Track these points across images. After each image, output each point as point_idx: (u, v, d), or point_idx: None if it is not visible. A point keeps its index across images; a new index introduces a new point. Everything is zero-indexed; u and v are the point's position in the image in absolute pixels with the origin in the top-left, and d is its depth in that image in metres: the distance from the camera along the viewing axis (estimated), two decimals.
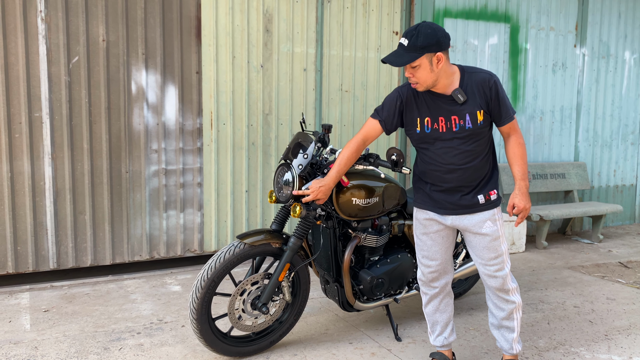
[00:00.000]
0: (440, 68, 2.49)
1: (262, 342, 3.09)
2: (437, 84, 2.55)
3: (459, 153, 2.61)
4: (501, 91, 2.59)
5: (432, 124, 2.63)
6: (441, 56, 2.47)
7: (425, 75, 2.50)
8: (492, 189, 2.68)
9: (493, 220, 2.68)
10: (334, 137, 5.13)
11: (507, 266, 2.73)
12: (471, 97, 2.56)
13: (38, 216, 4.13)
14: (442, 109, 2.60)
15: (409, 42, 2.45)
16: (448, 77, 2.56)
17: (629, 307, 3.96)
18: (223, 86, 4.63)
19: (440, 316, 2.91)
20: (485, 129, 2.62)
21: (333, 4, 4.99)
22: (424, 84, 2.53)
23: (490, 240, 2.67)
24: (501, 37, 5.84)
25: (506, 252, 2.72)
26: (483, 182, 2.68)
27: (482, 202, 2.66)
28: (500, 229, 2.69)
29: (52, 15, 4.03)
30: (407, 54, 2.46)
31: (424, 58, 2.46)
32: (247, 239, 2.92)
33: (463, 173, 2.63)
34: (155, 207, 4.49)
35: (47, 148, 4.10)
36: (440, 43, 2.46)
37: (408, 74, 2.54)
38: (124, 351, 3.10)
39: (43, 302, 3.86)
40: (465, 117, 2.57)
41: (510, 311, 2.76)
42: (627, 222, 7.01)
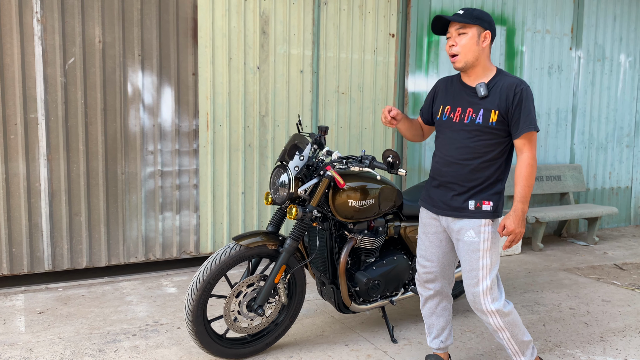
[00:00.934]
0: (484, 47, 2.53)
1: (258, 344, 3.08)
2: (474, 67, 2.57)
3: (461, 147, 2.59)
4: (526, 102, 2.49)
5: (449, 112, 2.66)
6: (489, 35, 2.53)
7: (469, 46, 2.52)
8: (487, 200, 2.57)
9: (477, 231, 2.56)
10: (330, 139, 5.13)
11: (482, 285, 2.56)
12: (492, 96, 2.53)
13: (33, 217, 4.12)
14: (463, 99, 2.62)
15: (464, 12, 2.53)
16: (484, 68, 2.58)
17: (624, 309, 3.97)
18: (219, 88, 4.63)
19: (437, 320, 2.89)
20: (497, 132, 2.53)
21: (329, 6, 5.00)
22: (463, 57, 2.54)
23: (468, 251, 2.58)
24: (498, 38, 5.86)
25: (485, 270, 2.56)
26: (479, 188, 2.58)
27: (471, 208, 2.57)
28: (482, 243, 2.56)
29: (47, 16, 4.02)
30: (462, 18, 2.51)
31: (474, 27, 2.51)
32: (243, 240, 2.92)
33: (459, 169, 2.60)
34: (151, 208, 4.48)
35: (42, 149, 4.09)
36: (491, 24, 2.54)
37: (451, 42, 2.56)
38: (119, 353, 3.09)
39: (38, 303, 3.84)
40: (479, 111, 2.55)
41: (493, 330, 2.65)
42: (623, 224, 7.03)
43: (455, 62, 2.57)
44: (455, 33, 2.55)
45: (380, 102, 5.32)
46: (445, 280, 2.82)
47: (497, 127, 2.53)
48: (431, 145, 5.59)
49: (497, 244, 2.62)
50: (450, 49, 2.56)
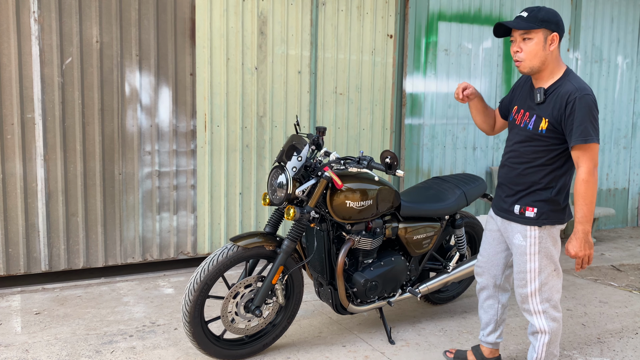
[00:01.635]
0: (551, 51, 2.41)
1: (255, 345, 3.08)
2: (541, 71, 2.47)
3: (512, 150, 2.62)
4: (579, 111, 2.34)
5: (515, 113, 2.65)
6: (556, 37, 2.40)
7: (535, 52, 2.40)
8: (531, 206, 2.53)
9: (524, 235, 2.57)
10: (328, 140, 5.13)
11: (530, 286, 2.57)
12: (548, 103, 2.45)
13: (30, 218, 4.10)
14: (526, 102, 2.58)
15: (528, 14, 2.39)
16: (552, 71, 2.47)
17: (622, 310, 3.97)
18: (217, 88, 4.62)
19: (484, 314, 2.94)
20: (547, 140, 2.46)
21: (328, 7, 5.00)
22: (529, 62, 2.44)
23: (517, 253, 2.62)
24: (495, 41, 5.87)
25: (533, 272, 2.56)
26: (524, 192, 2.56)
27: (516, 212, 2.59)
28: (529, 247, 2.55)
29: (45, 16, 4.01)
30: (525, 22, 2.38)
31: (540, 32, 2.39)
32: (240, 241, 2.91)
33: (508, 172, 2.63)
34: (149, 209, 4.47)
35: (39, 149, 4.08)
36: (558, 24, 2.41)
37: (516, 47, 2.45)
38: (116, 354, 3.08)
39: (34, 304, 3.83)
40: (532, 117, 2.51)
41: (534, 331, 2.65)
42: (620, 225, 7.04)
43: (520, 67, 2.47)
44: (519, 38, 2.44)
45: (378, 103, 5.32)
46: (491, 277, 2.84)
47: (547, 135, 2.46)
48: (429, 147, 5.60)
49: (549, 249, 2.56)
50: (515, 55, 2.46)
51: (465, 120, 5.78)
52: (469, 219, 3.90)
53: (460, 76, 5.69)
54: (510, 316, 3.81)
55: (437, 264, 3.71)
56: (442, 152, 5.69)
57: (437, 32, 5.52)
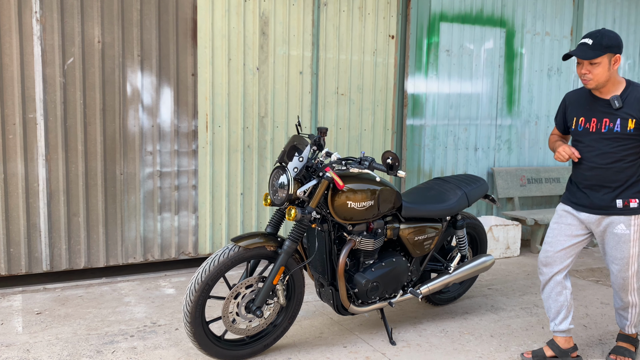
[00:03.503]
0: (615, 69, 2.78)
1: (256, 346, 3.08)
2: (606, 85, 2.82)
3: (602, 153, 2.86)
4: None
5: (585, 123, 2.92)
6: (619, 58, 2.76)
7: (602, 73, 2.75)
8: (633, 197, 2.85)
9: (627, 225, 2.87)
10: (329, 140, 5.13)
11: (632, 269, 2.92)
12: (627, 106, 2.78)
13: (31, 218, 4.11)
14: (597, 111, 2.88)
15: (593, 42, 2.72)
16: (614, 84, 2.83)
17: None
18: (219, 88, 4.62)
19: (553, 303, 3.10)
20: (635, 137, 2.79)
21: (329, 7, 5.00)
22: (597, 81, 2.78)
23: (619, 242, 2.90)
24: (497, 41, 5.86)
25: (635, 256, 2.90)
26: (623, 187, 2.85)
27: (619, 206, 2.87)
28: (633, 234, 2.87)
29: (47, 16, 4.01)
30: (592, 52, 2.72)
31: (605, 57, 2.73)
32: (241, 242, 2.91)
33: (602, 172, 2.87)
34: (150, 209, 4.48)
35: (41, 149, 4.08)
36: (620, 46, 2.75)
37: (585, 70, 2.78)
38: (117, 354, 3.08)
39: (36, 304, 3.83)
40: (616, 121, 2.81)
41: (624, 306, 3.05)
42: None
43: (588, 84, 2.82)
44: (586, 62, 2.77)
45: (380, 103, 5.32)
46: (562, 266, 3.04)
47: (635, 134, 2.80)
48: (430, 147, 5.59)
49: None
50: (583, 76, 2.79)
51: (466, 121, 5.78)
52: (470, 220, 3.90)
53: (461, 77, 5.69)
54: (511, 317, 3.80)
55: (438, 264, 3.71)
56: (443, 152, 5.69)
57: (438, 32, 5.52)
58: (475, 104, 5.82)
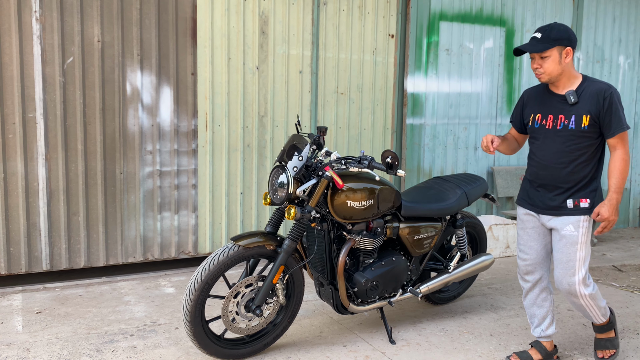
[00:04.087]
0: (567, 63, 2.72)
1: (256, 345, 3.08)
2: (559, 79, 2.76)
3: (556, 151, 2.78)
4: (615, 104, 2.69)
5: (541, 120, 2.86)
6: (570, 51, 2.71)
7: (553, 67, 2.70)
8: (584, 197, 2.78)
9: (576, 226, 2.79)
10: (329, 140, 5.13)
11: (579, 274, 2.79)
12: (582, 102, 2.72)
13: (31, 217, 4.11)
14: (553, 107, 2.81)
15: (542, 35, 2.70)
16: (570, 78, 2.77)
17: (622, 311, 3.97)
18: (218, 88, 4.62)
19: (538, 310, 3.05)
20: (590, 135, 2.73)
21: (329, 7, 5.00)
22: (549, 75, 2.73)
23: (566, 244, 2.80)
24: (496, 40, 5.86)
25: (581, 261, 2.79)
26: (576, 187, 2.77)
27: (569, 206, 2.79)
28: (581, 236, 2.78)
29: (46, 16, 4.01)
30: (541, 44, 2.69)
31: (555, 50, 2.68)
32: (241, 241, 2.91)
33: (556, 172, 2.80)
34: (150, 208, 4.48)
35: (40, 149, 4.08)
36: (570, 39, 2.70)
37: (536, 64, 2.74)
38: (117, 353, 3.08)
39: (36, 303, 3.84)
40: (571, 117, 2.74)
41: (580, 306, 2.90)
42: (621, 225, 7.03)
43: (541, 78, 2.77)
44: (537, 56, 2.73)
45: (379, 102, 5.32)
46: (543, 271, 3.00)
47: (589, 130, 2.72)
48: (430, 147, 5.59)
49: (589, 238, 2.87)
50: (536, 70, 2.76)
51: (466, 120, 5.78)
52: (470, 219, 3.90)
53: (461, 76, 5.69)
54: (511, 316, 3.81)
55: (438, 264, 3.71)
56: (443, 152, 5.69)
57: (438, 31, 5.52)
58: (475, 103, 5.82)
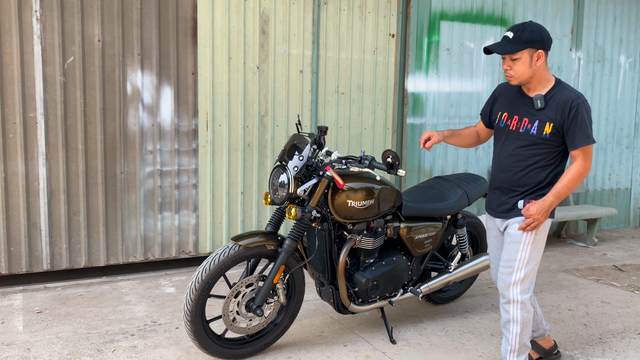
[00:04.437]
0: (538, 66, 2.57)
1: (257, 345, 3.08)
2: (531, 82, 2.63)
3: (514, 154, 2.70)
4: (582, 116, 2.54)
5: (507, 119, 2.75)
6: (542, 54, 2.56)
7: (523, 70, 2.57)
8: (535, 199, 2.67)
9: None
10: (329, 139, 5.13)
11: (516, 275, 2.67)
12: (549, 108, 2.59)
13: (32, 217, 4.11)
14: (521, 109, 2.69)
15: (514, 35, 2.54)
16: (541, 81, 2.63)
17: (624, 311, 3.97)
18: (219, 87, 4.62)
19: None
20: (550, 143, 2.62)
21: (329, 6, 4.99)
22: (519, 78, 2.61)
23: (510, 242, 2.71)
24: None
25: (521, 261, 2.67)
26: (530, 191, 2.69)
27: (520, 207, 2.70)
28: (525, 236, 2.66)
29: (47, 15, 4.01)
30: (511, 45, 2.54)
31: (525, 52, 2.54)
32: (242, 240, 2.91)
33: (511, 175, 2.71)
34: (150, 208, 4.48)
35: (41, 148, 4.08)
36: (543, 41, 2.55)
37: (506, 66, 2.62)
38: (118, 353, 3.08)
39: (36, 303, 3.84)
40: (534, 122, 2.63)
41: (507, 320, 2.75)
42: (622, 225, 7.03)
43: (511, 81, 2.65)
44: (508, 57, 2.60)
45: (380, 102, 5.31)
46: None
47: (550, 139, 2.61)
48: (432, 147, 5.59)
49: (540, 242, 2.71)
50: (506, 72, 2.63)
51: (467, 120, 5.78)
52: (470, 219, 3.90)
53: (462, 76, 5.68)
54: None
55: (438, 263, 3.71)
56: (444, 151, 5.68)
57: (439, 31, 5.52)
58: (476, 103, 5.81)
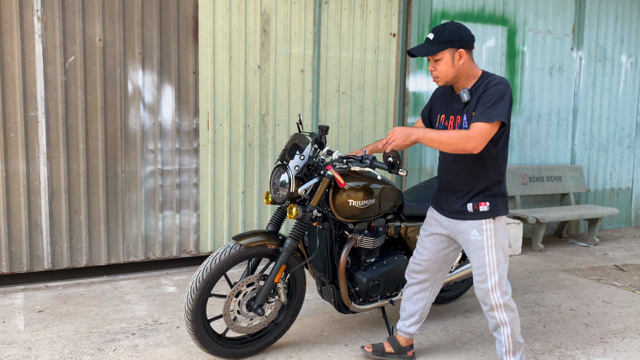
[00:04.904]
0: (461, 65, 2.58)
1: (258, 344, 3.08)
2: (458, 81, 2.64)
3: (452, 154, 2.69)
4: (492, 92, 2.49)
5: (444, 121, 2.75)
6: (463, 53, 2.57)
7: (446, 70, 2.59)
8: (483, 201, 2.66)
9: (479, 230, 2.66)
10: (330, 139, 5.12)
11: (491, 280, 2.66)
12: (474, 99, 2.58)
13: (33, 216, 4.11)
14: (453, 108, 2.70)
15: (434, 37, 2.58)
16: (468, 78, 2.63)
17: (625, 311, 3.96)
18: (220, 87, 4.62)
19: (409, 306, 3.04)
20: None
21: (331, 6, 4.99)
22: (443, 78, 2.62)
23: (474, 249, 2.69)
24: (498, 39, 5.85)
25: (492, 266, 2.66)
26: (475, 191, 2.67)
27: (470, 210, 2.68)
28: (486, 240, 2.65)
29: (48, 14, 4.01)
30: (432, 47, 2.58)
31: (446, 52, 2.56)
32: (243, 240, 2.91)
33: (455, 175, 2.73)
34: (151, 207, 4.48)
35: (42, 147, 4.08)
36: (463, 40, 2.57)
37: (431, 67, 2.64)
38: (119, 352, 3.08)
39: (37, 302, 3.84)
40: (463, 117, 2.63)
41: (495, 325, 2.75)
42: (623, 225, 7.02)
43: (438, 82, 2.67)
44: (431, 59, 2.63)
45: (381, 101, 5.31)
46: (431, 274, 2.96)
47: None
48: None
49: (503, 241, 2.70)
50: (432, 73, 2.65)
51: None
52: None
53: None
54: None
55: None
56: None
57: None
58: None
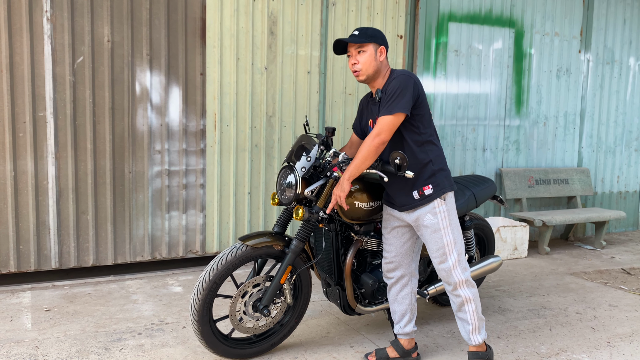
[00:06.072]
0: (381, 61, 2.81)
1: (263, 345, 3.08)
2: (375, 79, 2.83)
3: (384, 151, 2.85)
4: (391, 87, 2.69)
5: (372, 124, 2.92)
6: (383, 50, 2.83)
7: (369, 62, 2.78)
8: (425, 185, 2.80)
9: (433, 213, 2.80)
10: (337, 140, 5.13)
11: (451, 259, 2.81)
12: (384, 97, 2.76)
13: (41, 215, 4.14)
14: (374, 110, 2.89)
15: (360, 32, 2.81)
16: (384, 77, 2.84)
17: (632, 314, 3.94)
18: (227, 88, 4.63)
19: (398, 306, 3.07)
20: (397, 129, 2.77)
21: (338, 7, 5.00)
22: (365, 72, 2.80)
23: (430, 233, 2.82)
24: (506, 42, 5.84)
25: (450, 245, 2.80)
26: (414, 178, 2.79)
27: (416, 197, 2.81)
28: (441, 221, 2.80)
29: (57, 15, 4.04)
30: (359, 38, 2.79)
31: (371, 45, 2.79)
32: (249, 241, 2.92)
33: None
34: (158, 207, 4.50)
35: (50, 147, 4.11)
36: (384, 39, 2.84)
37: (353, 60, 2.82)
38: (125, 352, 3.09)
39: (44, 301, 3.86)
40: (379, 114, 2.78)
41: (460, 304, 2.87)
42: (630, 228, 6.99)
43: (358, 77, 2.83)
44: (355, 52, 2.82)
45: None
46: (405, 267, 3.03)
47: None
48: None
49: (455, 219, 2.85)
50: (353, 67, 2.83)
51: (475, 121, 5.76)
52: (478, 221, 3.89)
53: (470, 77, 5.67)
54: (518, 319, 3.79)
55: None
56: (451, 153, 5.67)
57: (447, 32, 5.51)
58: (484, 105, 5.80)
